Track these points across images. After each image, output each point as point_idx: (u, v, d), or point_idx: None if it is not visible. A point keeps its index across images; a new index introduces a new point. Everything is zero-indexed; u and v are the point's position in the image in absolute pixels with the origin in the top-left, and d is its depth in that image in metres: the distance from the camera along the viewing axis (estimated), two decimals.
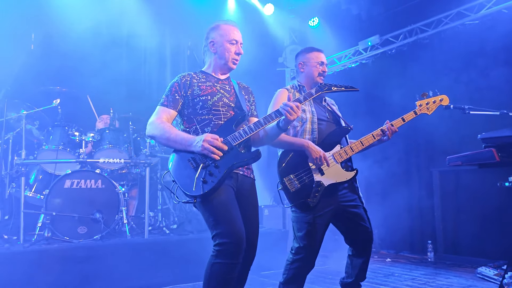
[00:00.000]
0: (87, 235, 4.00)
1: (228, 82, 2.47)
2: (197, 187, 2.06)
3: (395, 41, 6.09)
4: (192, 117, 2.30)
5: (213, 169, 2.11)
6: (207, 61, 2.50)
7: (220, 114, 2.30)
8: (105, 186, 4.18)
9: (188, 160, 2.13)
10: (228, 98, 2.37)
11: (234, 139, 2.18)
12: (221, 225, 2.07)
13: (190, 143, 2.14)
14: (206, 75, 2.44)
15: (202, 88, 2.33)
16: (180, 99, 2.32)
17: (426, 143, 5.69)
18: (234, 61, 2.44)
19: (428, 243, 5.27)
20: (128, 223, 4.35)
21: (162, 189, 5.04)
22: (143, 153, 4.83)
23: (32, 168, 4.58)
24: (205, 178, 2.08)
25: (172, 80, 2.38)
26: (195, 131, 2.28)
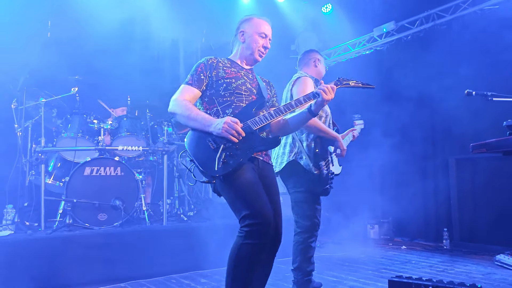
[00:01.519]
0: (107, 222, 4.03)
1: (251, 72, 2.50)
2: (219, 167, 2.05)
3: (411, 27, 5.99)
4: (214, 98, 2.31)
5: (234, 151, 2.12)
6: (234, 49, 2.55)
7: (242, 97, 2.32)
8: (124, 174, 4.20)
9: (208, 140, 2.13)
10: (250, 84, 2.40)
11: (254, 123, 2.20)
12: (250, 205, 2.05)
13: (210, 124, 2.14)
14: (232, 62, 2.48)
15: (227, 72, 2.37)
16: (205, 79, 2.33)
17: (443, 131, 5.63)
18: (261, 53, 2.47)
19: (444, 230, 5.26)
20: (146, 210, 4.37)
21: (179, 176, 5.05)
22: (161, 140, 4.84)
23: (51, 156, 4.61)
24: (226, 159, 2.08)
25: (199, 61, 2.40)
26: (216, 113, 2.28)
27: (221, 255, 4.13)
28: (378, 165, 6.09)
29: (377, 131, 5.69)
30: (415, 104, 5.79)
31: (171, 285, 3.61)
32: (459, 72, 5.22)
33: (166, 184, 4.35)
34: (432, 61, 5.64)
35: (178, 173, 5.06)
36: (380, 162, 5.91)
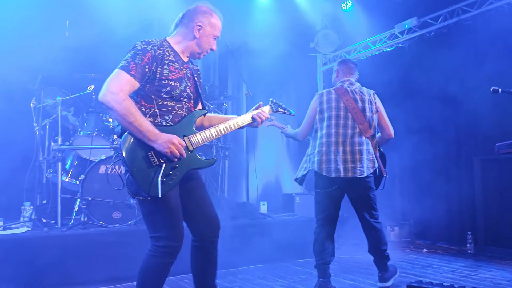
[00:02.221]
0: (122, 220, 4.03)
1: (189, 66, 2.34)
2: (159, 189, 1.98)
3: (435, 23, 5.80)
4: (153, 97, 2.12)
5: (173, 170, 2.06)
6: (179, 35, 2.29)
7: (182, 105, 2.21)
8: None
9: (149, 154, 2.02)
10: (189, 88, 2.27)
11: (195, 142, 2.16)
12: (170, 229, 2.08)
13: (154, 139, 2.00)
14: (175, 52, 2.25)
15: (171, 70, 2.17)
16: (148, 73, 2.10)
17: (467, 130, 5.43)
18: (205, 54, 2.35)
19: (468, 234, 5.06)
20: None
21: None
22: None
23: (68, 154, 4.65)
24: (165, 179, 2.02)
25: (143, 45, 2.11)
26: (153, 115, 2.12)
27: (235, 255, 4.12)
28: (398, 165, 5.91)
29: (398, 130, 5.50)
30: (438, 102, 5.60)
31: (184, 284, 3.57)
32: (485, 69, 5.01)
33: None
34: (456, 58, 5.44)
35: None
36: (401, 162, 5.73)
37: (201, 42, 2.27)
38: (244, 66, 6.05)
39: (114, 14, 5.06)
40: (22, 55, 4.52)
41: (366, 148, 3.22)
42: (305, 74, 7.25)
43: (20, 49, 4.57)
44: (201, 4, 2.31)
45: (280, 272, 4.03)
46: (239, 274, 3.95)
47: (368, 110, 3.26)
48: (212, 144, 5.12)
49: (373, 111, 3.30)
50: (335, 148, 3.18)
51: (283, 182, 6.98)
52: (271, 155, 6.92)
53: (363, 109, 3.24)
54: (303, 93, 7.32)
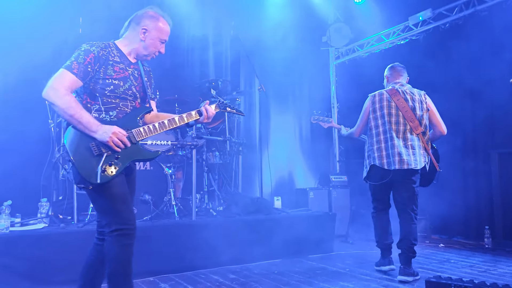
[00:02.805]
0: (137, 216, 3.98)
1: (137, 67, 2.46)
2: (98, 176, 2.12)
3: (450, 15, 5.69)
4: (98, 95, 2.26)
5: (115, 161, 2.20)
6: (127, 38, 2.43)
7: (127, 102, 2.34)
8: (154, 168, 4.20)
9: (91, 145, 2.15)
10: (135, 87, 2.39)
11: (138, 134, 2.28)
12: (122, 213, 2.20)
13: (95, 130, 2.15)
14: (121, 54, 2.39)
15: (115, 70, 2.31)
16: (91, 73, 2.23)
17: (484, 124, 5.33)
18: (153, 57, 2.46)
19: (485, 228, 4.98)
20: (175, 205, 4.36)
21: (208, 171, 5.02)
22: (189, 135, 4.82)
23: None
24: (105, 168, 2.15)
25: (87, 47, 2.25)
26: (98, 110, 2.26)
27: (250, 250, 4.11)
28: None
29: None
30: (454, 95, 5.50)
31: (200, 280, 3.57)
32: (502, 61, 4.91)
33: (195, 179, 4.32)
34: (472, 50, 5.34)
35: (207, 167, 5.04)
36: None
37: (147, 45, 2.39)
38: (256, 60, 6.01)
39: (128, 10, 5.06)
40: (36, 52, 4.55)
41: (418, 144, 3.53)
42: (318, 68, 7.19)
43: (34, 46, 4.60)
44: (149, 9, 2.43)
45: (295, 267, 4.01)
46: (254, 269, 3.94)
47: (418, 109, 3.56)
48: (225, 139, 5.11)
49: (424, 110, 3.59)
50: (391, 143, 3.52)
51: (296, 177, 6.96)
52: (284, 150, 6.90)
53: (413, 108, 3.55)
54: (316, 87, 7.29)
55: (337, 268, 3.96)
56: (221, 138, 5.14)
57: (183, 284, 3.46)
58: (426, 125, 3.60)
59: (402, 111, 3.53)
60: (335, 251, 4.76)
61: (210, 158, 5.13)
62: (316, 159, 7.08)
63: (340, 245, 5.16)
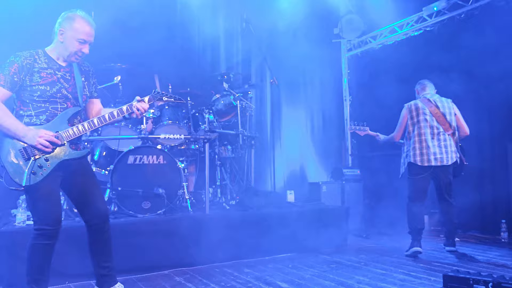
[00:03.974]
0: (151, 210, 4.06)
1: (69, 69, 2.60)
2: (27, 179, 2.34)
3: (465, 4, 5.58)
4: (28, 102, 2.45)
5: (43, 162, 2.40)
6: (53, 43, 2.60)
7: (57, 104, 2.50)
8: (167, 162, 4.21)
9: (19, 150, 2.37)
10: (66, 89, 2.54)
11: (67, 136, 2.47)
12: (39, 214, 2.43)
13: (24, 135, 2.36)
14: (49, 59, 2.55)
15: (42, 76, 2.47)
16: (18, 82, 2.43)
17: (501, 115, 5.24)
18: (77, 57, 2.58)
19: (502, 222, 4.91)
20: (189, 199, 4.37)
21: (220, 165, 5.02)
22: (202, 128, 4.82)
23: (97, 145, 4.70)
24: (34, 170, 2.37)
25: (12, 58, 2.44)
26: (29, 116, 2.45)
27: (264, 244, 4.11)
28: None
29: None
30: (469, 87, 5.42)
31: (214, 273, 3.58)
32: None
33: (208, 173, 4.32)
34: (489, 41, 5.23)
35: (219, 161, 5.04)
36: None
37: (66, 46, 2.53)
38: (268, 53, 5.98)
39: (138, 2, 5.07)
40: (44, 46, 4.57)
41: (449, 143, 4.22)
42: (330, 60, 7.13)
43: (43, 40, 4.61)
44: (69, 12, 2.58)
45: (309, 261, 4.00)
46: (268, 264, 3.94)
47: (447, 114, 4.28)
48: (238, 133, 5.10)
49: (452, 114, 4.30)
50: (426, 144, 4.20)
51: (309, 171, 6.94)
52: (296, 144, 6.88)
53: (443, 114, 4.26)
54: (327, 80, 7.24)
55: (352, 262, 3.94)
56: (233, 132, 5.13)
57: (197, 277, 3.47)
58: (454, 127, 4.28)
59: (435, 117, 4.22)
60: (349, 245, 4.75)
61: (222, 152, 5.13)
62: (328, 153, 7.05)
63: (353, 239, 5.14)
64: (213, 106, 5.12)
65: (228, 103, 5.13)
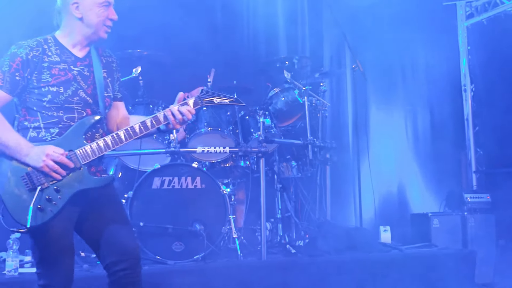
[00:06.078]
0: (185, 254, 4.12)
1: (88, 62, 2.61)
2: (32, 217, 2.28)
3: None
4: (36, 109, 2.45)
5: (53, 194, 2.35)
6: (65, 26, 2.58)
7: (73, 113, 2.49)
8: (206, 186, 4.26)
9: (22, 177, 2.34)
10: (85, 90, 2.54)
11: (84, 156, 2.42)
12: (45, 265, 2.42)
13: (26, 154, 2.33)
14: (61, 49, 2.55)
15: (53, 73, 2.46)
16: (21, 82, 2.43)
17: None
18: (107, 29, 2.59)
19: None
20: (237, 238, 4.40)
21: (282, 189, 5.03)
22: (255, 138, 4.83)
23: (110, 163, 4.86)
24: (42, 205, 2.31)
25: (13, 49, 2.46)
26: (36, 128, 2.45)
27: None
28: None
29: None
30: None
31: None
32: None
33: (264, 200, 4.32)
34: None
35: (281, 184, 5.03)
36: None
37: (88, 20, 2.53)
38: (348, 28, 5.94)
39: None
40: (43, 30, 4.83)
41: None
42: (439, 34, 6.96)
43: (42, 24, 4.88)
44: None
45: None
46: None
47: None
48: (306, 143, 5.06)
49: None
50: None
51: (411, 197, 6.79)
52: (391, 157, 6.77)
53: None
54: (437, 63, 7.05)
55: None
56: (299, 142, 5.09)
57: None
58: None
59: None
60: None
61: (284, 171, 5.12)
62: (440, 169, 6.85)
63: None
64: (270, 105, 5.13)
65: (291, 101, 5.13)
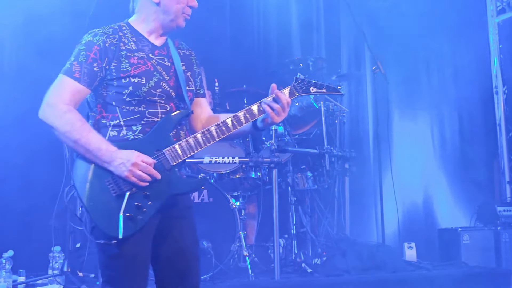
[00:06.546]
0: None
1: (166, 51, 2.56)
2: (121, 227, 2.18)
3: None
4: (115, 104, 2.36)
5: (143, 200, 2.26)
6: (140, 11, 2.55)
7: (156, 107, 2.40)
8: (214, 200, 4.27)
9: (107, 182, 2.24)
10: (167, 82, 2.46)
11: (173, 156, 2.33)
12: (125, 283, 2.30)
13: (109, 161, 2.23)
14: (137, 36, 2.50)
15: (132, 62, 2.38)
16: (99, 72, 2.34)
17: None
18: (186, 16, 2.53)
19: None
20: (248, 256, 4.39)
21: (297, 202, 5.02)
22: (267, 146, 4.83)
23: None
24: (131, 213, 2.21)
25: (88, 37, 2.40)
26: (117, 126, 2.36)
27: None
28: None
29: None
30: None
31: None
32: None
33: (277, 215, 4.31)
34: None
35: (295, 197, 5.03)
36: None
37: (167, 5, 2.49)
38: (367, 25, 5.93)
39: None
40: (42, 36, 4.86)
41: None
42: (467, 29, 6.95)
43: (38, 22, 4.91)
44: None
45: None
46: None
47: None
48: (322, 152, 5.06)
49: None
50: None
51: (438, 210, 6.76)
52: (416, 167, 6.76)
53: None
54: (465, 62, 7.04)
55: None
56: (315, 151, 5.09)
57: None
58: None
59: None
60: None
61: (299, 182, 5.11)
62: (470, 180, 6.81)
63: None
64: None
65: (306, 106, 5.14)
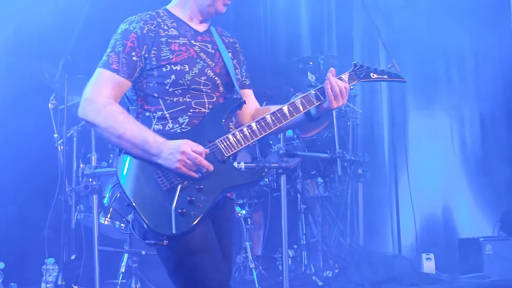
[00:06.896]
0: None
1: (210, 37, 2.52)
2: (173, 223, 2.10)
3: None
4: (157, 95, 2.33)
5: (196, 194, 2.18)
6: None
7: (202, 97, 2.37)
8: None
9: (157, 175, 2.19)
10: (213, 69, 2.42)
11: (227, 146, 2.28)
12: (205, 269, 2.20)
13: (157, 153, 2.17)
14: (178, 22, 2.47)
15: (173, 49, 2.34)
16: (139, 62, 2.31)
17: None
18: (226, 1, 2.48)
19: None
20: (255, 268, 4.38)
21: (306, 210, 5.02)
22: (275, 151, 4.83)
23: (107, 181, 4.83)
24: (184, 209, 2.13)
25: (124, 26, 2.36)
26: (161, 119, 2.31)
27: None
28: None
29: None
30: None
31: None
32: None
33: (285, 224, 4.30)
34: None
35: (305, 205, 5.02)
36: None
37: None
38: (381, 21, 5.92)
39: None
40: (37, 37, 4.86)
41: None
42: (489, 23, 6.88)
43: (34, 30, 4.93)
44: None
45: None
46: None
47: None
48: (334, 157, 5.03)
49: None
50: None
51: (458, 218, 6.71)
52: (435, 172, 6.72)
53: None
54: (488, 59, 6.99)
55: None
56: (326, 155, 5.07)
57: None
58: None
59: None
60: None
61: (309, 189, 5.10)
62: (493, 186, 6.75)
63: None
64: None
65: None
